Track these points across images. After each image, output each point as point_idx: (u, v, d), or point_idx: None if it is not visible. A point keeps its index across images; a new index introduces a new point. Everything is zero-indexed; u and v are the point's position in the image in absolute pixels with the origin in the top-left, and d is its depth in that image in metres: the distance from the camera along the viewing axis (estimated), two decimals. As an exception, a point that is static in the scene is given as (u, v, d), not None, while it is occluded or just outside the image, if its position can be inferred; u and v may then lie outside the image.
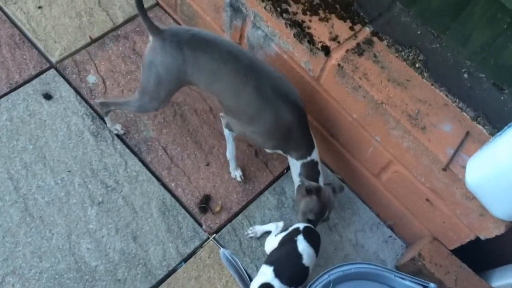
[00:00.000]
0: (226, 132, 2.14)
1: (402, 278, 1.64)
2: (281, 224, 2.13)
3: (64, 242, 2.06)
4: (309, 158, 1.97)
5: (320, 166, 2.02)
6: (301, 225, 1.89)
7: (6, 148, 2.21)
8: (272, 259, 1.78)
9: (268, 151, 2.12)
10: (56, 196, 2.15)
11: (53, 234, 2.07)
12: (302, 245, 1.77)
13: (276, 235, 1.97)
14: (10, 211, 2.08)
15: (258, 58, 1.94)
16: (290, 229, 1.91)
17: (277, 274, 1.69)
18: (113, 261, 2.06)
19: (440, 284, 1.95)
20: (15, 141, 2.24)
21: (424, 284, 1.63)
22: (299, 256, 1.74)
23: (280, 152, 2.05)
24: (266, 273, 1.71)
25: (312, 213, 1.91)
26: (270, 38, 2.10)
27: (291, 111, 1.87)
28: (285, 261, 1.76)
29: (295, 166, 2.01)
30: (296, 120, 1.90)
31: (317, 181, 1.98)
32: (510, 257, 1.98)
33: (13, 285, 1.95)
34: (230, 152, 2.21)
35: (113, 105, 2.20)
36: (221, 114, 2.12)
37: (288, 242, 1.82)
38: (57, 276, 1.99)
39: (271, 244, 1.95)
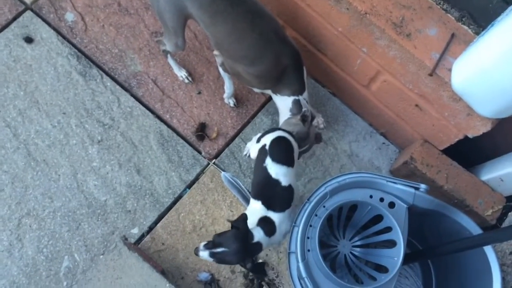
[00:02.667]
0: (221, 71, 2.12)
1: (394, 183, 1.73)
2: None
3: (71, 181, 2.15)
4: (301, 97, 1.97)
5: (309, 105, 2.00)
6: (267, 141, 1.76)
7: (-3, 97, 2.23)
8: (256, 193, 1.74)
9: (256, 91, 2.12)
10: (55, 138, 2.19)
11: (59, 175, 2.15)
12: (272, 168, 1.70)
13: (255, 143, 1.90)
14: (14, 157, 2.15)
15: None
16: (261, 143, 1.79)
17: (268, 206, 1.69)
18: (121, 194, 2.16)
19: (432, 183, 2.06)
20: (5, 89, 2.24)
21: (415, 186, 1.72)
22: (277, 182, 1.70)
23: (269, 92, 2.04)
24: (257, 208, 1.70)
25: (298, 136, 1.87)
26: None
27: (289, 55, 1.89)
28: (268, 192, 1.72)
29: (286, 102, 1.99)
30: (292, 63, 1.90)
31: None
32: (498, 151, 2.07)
33: (30, 226, 2.07)
34: (228, 87, 2.22)
35: (163, 43, 2.15)
36: (215, 52, 2.07)
37: (260, 166, 1.74)
38: (70, 213, 2.11)
39: (253, 152, 1.88)
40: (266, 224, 1.67)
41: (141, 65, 2.36)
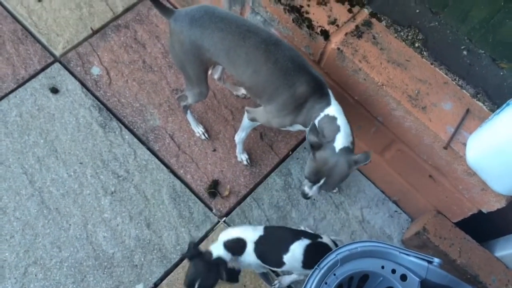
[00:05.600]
0: (247, 123, 2.09)
1: (407, 254, 1.70)
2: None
3: (81, 231, 2.15)
4: (322, 114, 1.76)
5: (340, 122, 1.72)
6: (325, 239, 1.89)
7: (18, 144, 2.28)
8: (270, 230, 1.87)
9: (290, 129, 1.96)
10: (70, 188, 2.22)
11: (70, 224, 2.15)
12: (297, 247, 1.81)
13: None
14: (27, 204, 2.16)
15: (266, 29, 1.87)
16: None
17: (257, 243, 1.81)
18: (129, 247, 2.15)
19: (445, 257, 2.02)
20: (26, 136, 2.30)
21: (428, 259, 1.69)
22: (286, 250, 1.81)
23: (301, 127, 1.90)
24: (256, 232, 1.84)
25: (306, 171, 1.75)
26: (269, 23, 2.12)
27: (307, 83, 1.76)
28: (273, 241, 1.84)
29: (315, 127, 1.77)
30: (310, 90, 1.77)
31: (333, 137, 1.70)
32: (512, 228, 2.04)
33: (35, 275, 2.05)
34: (241, 138, 2.23)
35: (184, 98, 2.20)
36: (247, 108, 2.07)
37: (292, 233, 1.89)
38: (77, 264, 2.09)
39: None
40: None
41: (160, 120, 2.42)
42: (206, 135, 2.39)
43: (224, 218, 2.25)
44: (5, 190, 2.18)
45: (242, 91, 2.50)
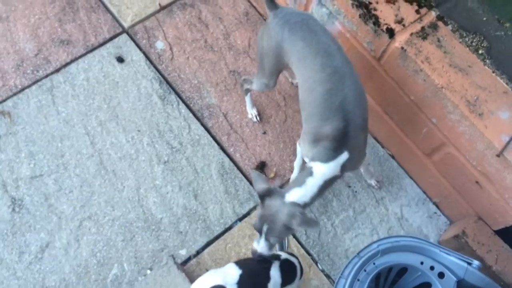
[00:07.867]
0: (297, 146, 2.11)
1: (448, 254, 1.75)
2: None
3: (133, 194, 2.28)
4: (312, 164, 1.77)
5: (311, 183, 1.73)
6: (283, 255, 1.84)
7: (83, 106, 2.43)
8: (243, 265, 1.73)
9: (306, 160, 1.91)
10: (127, 152, 2.36)
11: (124, 186, 2.29)
12: (274, 270, 1.74)
13: None
14: (87, 163, 2.31)
15: (350, 63, 1.83)
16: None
17: (240, 283, 1.66)
18: (176, 215, 2.27)
19: (481, 262, 2.05)
20: (91, 100, 2.44)
21: (468, 260, 1.74)
22: (268, 278, 1.72)
23: (307, 160, 1.88)
24: (230, 274, 1.69)
25: (254, 219, 1.76)
26: (335, 16, 2.17)
27: (336, 129, 1.72)
28: (253, 274, 1.72)
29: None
30: (331, 137, 1.73)
31: (290, 189, 1.74)
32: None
33: (89, 229, 2.20)
34: (297, 162, 2.25)
35: (249, 82, 2.27)
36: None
37: (264, 261, 1.78)
38: (127, 224, 2.23)
39: None
40: None
41: (215, 99, 2.52)
42: (258, 118, 2.48)
43: (268, 198, 2.34)
44: (67, 148, 2.33)
45: (297, 79, 2.57)
